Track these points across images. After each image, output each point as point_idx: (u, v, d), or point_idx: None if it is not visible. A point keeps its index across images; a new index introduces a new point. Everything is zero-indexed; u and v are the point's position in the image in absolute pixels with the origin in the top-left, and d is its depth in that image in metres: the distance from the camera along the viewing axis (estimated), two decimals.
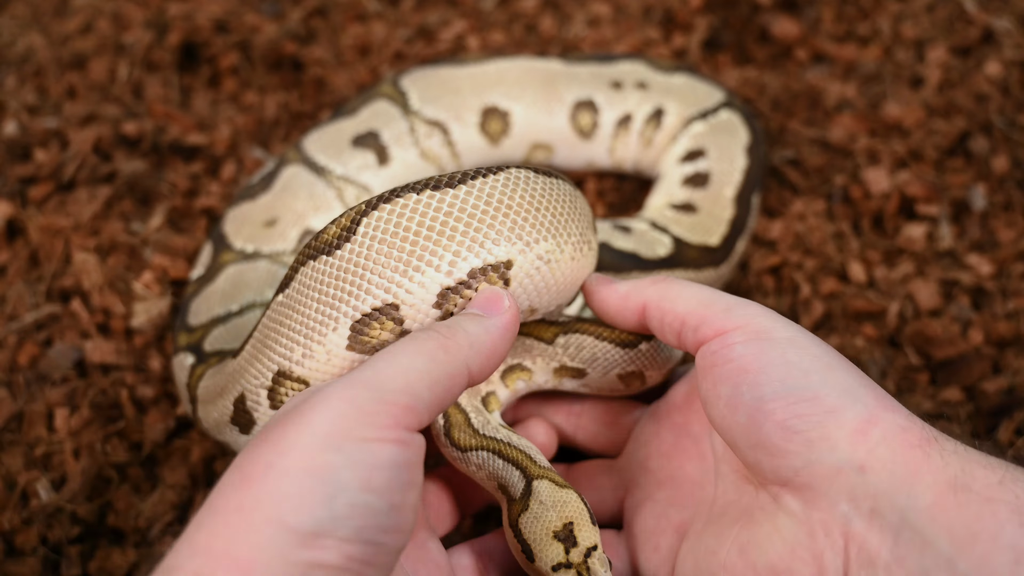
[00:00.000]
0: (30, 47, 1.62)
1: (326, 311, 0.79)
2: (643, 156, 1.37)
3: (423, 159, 1.34)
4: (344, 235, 0.78)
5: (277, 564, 0.53)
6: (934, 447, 0.62)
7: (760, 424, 0.65)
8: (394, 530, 0.57)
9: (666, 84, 1.37)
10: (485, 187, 0.78)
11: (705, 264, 1.18)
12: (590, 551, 0.72)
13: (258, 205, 1.24)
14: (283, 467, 0.56)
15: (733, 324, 0.71)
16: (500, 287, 0.76)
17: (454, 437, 0.81)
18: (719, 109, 1.33)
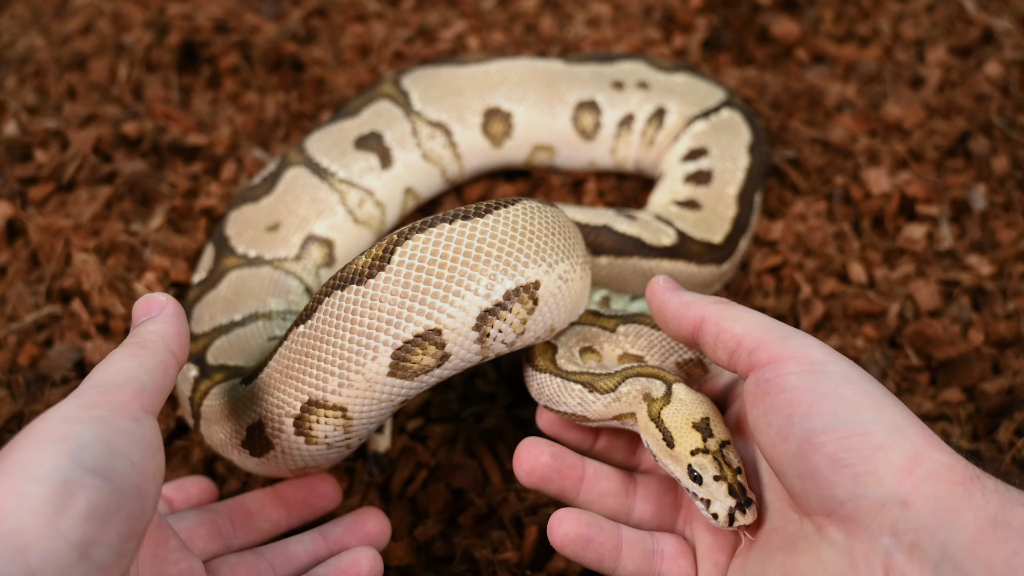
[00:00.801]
0: (30, 47, 1.62)
1: (363, 340, 0.82)
2: (645, 156, 1.37)
3: (425, 161, 1.33)
4: (377, 264, 0.82)
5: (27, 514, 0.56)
6: (976, 485, 0.64)
7: (810, 456, 0.68)
8: (136, 490, 0.62)
9: (667, 83, 1.37)
10: (509, 216, 0.85)
11: (707, 260, 1.18)
12: (725, 443, 0.79)
13: (260, 208, 1.23)
14: (27, 442, 0.61)
15: (789, 353, 0.73)
16: (529, 306, 0.84)
17: (600, 387, 0.88)
18: (721, 108, 1.33)
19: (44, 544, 0.56)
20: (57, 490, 0.57)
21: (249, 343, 1.07)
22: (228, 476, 1.07)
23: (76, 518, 0.57)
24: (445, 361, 0.84)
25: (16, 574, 0.54)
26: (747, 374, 0.76)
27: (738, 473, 0.77)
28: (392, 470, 1.08)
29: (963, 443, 1.06)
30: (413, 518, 1.04)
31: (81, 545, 0.57)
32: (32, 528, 0.56)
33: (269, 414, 0.88)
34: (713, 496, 0.77)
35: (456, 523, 1.03)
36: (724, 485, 0.77)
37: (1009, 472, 1.04)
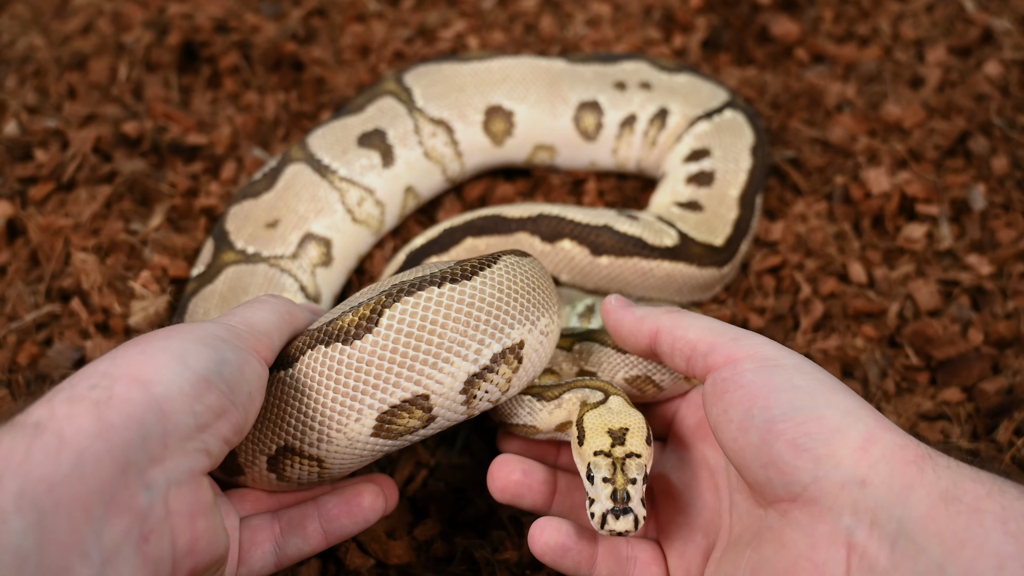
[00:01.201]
0: (30, 47, 1.62)
1: (346, 402, 0.82)
2: (647, 156, 1.37)
3: (427, 159, 1.33)
4: (365, 325, 0.81)
5: (174, 388, 0.68)
6: (928, 463, 0.67)
7: (771, 444, 0.71)
8: (244, 412, 0.74)
9: (670, 84, 1.36)
10: (494, 276, 0.85)
11: (708, 263, 1.18)
12: (632, 455, 0.80)
13: (260, 204, 1.23)
14: (184, 336, 0.73)
15: (743, 353, 0.77)
16: (514, 365, 0.86)
17: (547, 396, 0.91)
18: (724, 109, 1.33)
19: (179, 417, 0.68)
20: (200, 381, 0.70)
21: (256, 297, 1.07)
22: None
23: (205, 406, 0.69)
24: (431, 423, 0.85)
25: (156, 429, 0.66)
26: (704, 376, 0.79)
27: (631, 483, 0.77)
28: (392, 470, 1.08)
29: (963, 443, 1.06)
30: (413, 518, 1.04)
31: (200, 427, 0.69)
32: (176, 400, 0.68)
33: (244, 447, 0.87)
34: (597, 497, 0.78)
35: (456, 523, 1.03)
36: (610, 488, 0.77)
37: (1009, 471, 1.04)
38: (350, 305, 0.86)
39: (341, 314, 0.83)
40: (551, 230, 1.15)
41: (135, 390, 0.66)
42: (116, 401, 0.65)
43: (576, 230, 1.15)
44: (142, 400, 0.66)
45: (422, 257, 1.16)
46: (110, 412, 0.64)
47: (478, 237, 1.16)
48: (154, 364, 0.69)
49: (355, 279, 1.31)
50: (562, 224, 1.16)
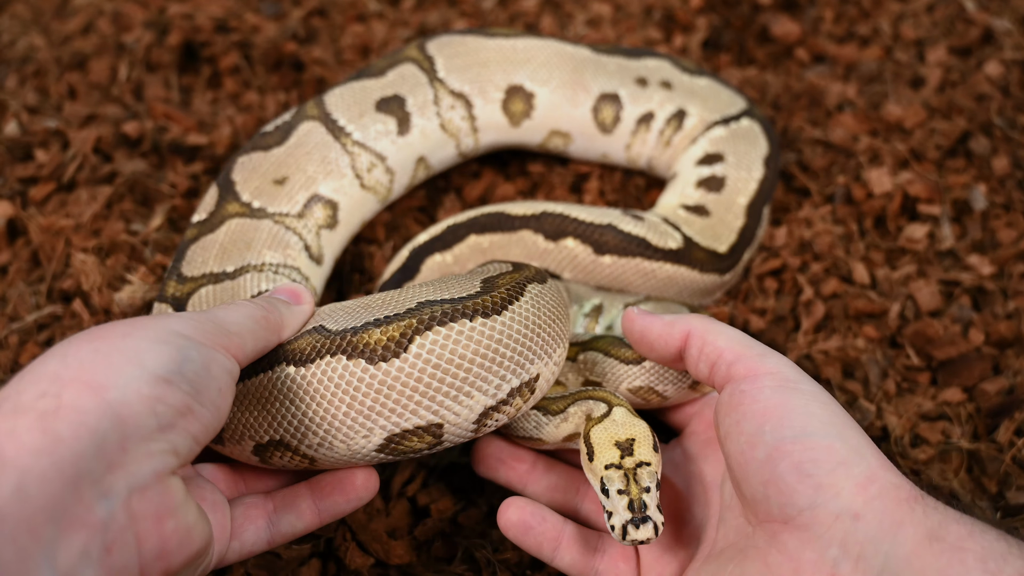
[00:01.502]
0: (31, 47, 1.62)
1: (358, 419, 0.81)
2: (660, 155, 1.36)
3: (443, 131, 1.30)
4: (393, 349, 0.80)
5: (131, 392, 0.65)
6: (919, 503, 0.70)
7: (776, 462, 0.72)
8: (212, 410, 0.72)
9: (690, 86, 1.35)
10: (522, 311, 0.85)
11: (710, 269, 1.18)
12: (643, 464, 0.81)
13: (270, 158, 1.20)
14: (142, 335, 0.70)
15: (766, 369, 0.78)
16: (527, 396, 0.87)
17: (552, 409, 0.91)
18: (741, 117, 1.32)
19: (139, 420, 0.65)
20: (159, 382, 0.67)
21: (236, 297, 1.05)
22: None
23: (168, 406, 0.67)
24: (437, 446, 0.85)
25: (112, 436, 0.63)
26: (723, 386, 0.81)
27: (645, 492, 0.79)
28: (392, 470, 1.08)
29: (963, 443, 1.06)
30: (413, 518, 1.04)
31: (164, 427, 0.67)
32: (134, 403, 0.65)
33: (233, 426, 0.86)
34: (614, 509, 0.79)
35: (456, 523, 1.03)
36: (626, 499, 0.79)
37: (1009, 472, 1.04)
38: (372, 314, 0.84)
39: (365, 325, 0.81)
40: (555, 228, 1.15)
41: (86, 397, 0.63)
42: (65, 411, 0.62)
43: (580, 228, 1.15)
44: (94, 408, 0.63)
45: (425, 254, 1.16)
46: (58, 423, 0.61)
47: (482, 234, 1.15)
48: (108, 366, 0.65)
49: (355, 280, 1.31)
50: (566, 222, 1.15)
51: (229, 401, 0.75)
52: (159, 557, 0.66)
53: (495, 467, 0.96)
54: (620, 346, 0.97)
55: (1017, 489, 1.03)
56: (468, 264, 1.16)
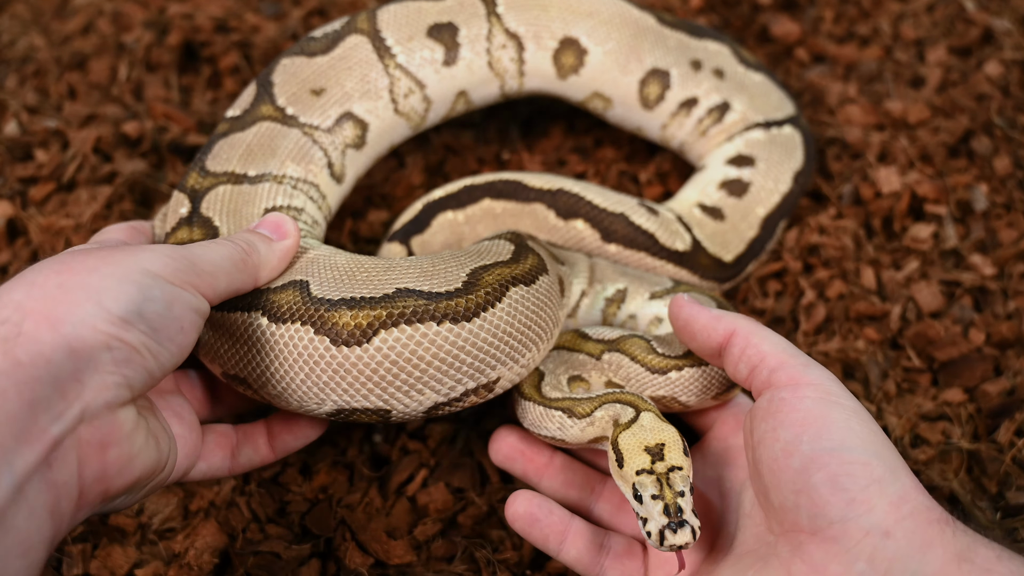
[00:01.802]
0: (31, 47, 1.62)
1: (313, 388, 0.86)
2: (693, 142, 1.32)
3: (489, 68, 1.25)
4: (357, 337, 0.83)
5: (87, 328, 0.68)
6: (948, 526, 0.70)
7: (811, 473, 0.72)
8: (173, 347, 0.75)
9: (743, 79, 1.31)
10: (493, 318, 0.87)
11: (711, 276, 1.18)
12: (674, 468, 0.81)
13: (312, 65, 1.18)
14: (108, 272, 0.72)
15: (808, 379, 0.78)
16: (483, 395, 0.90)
17: (577, 412, 0.91)
18: (785, 123, 1.29)
19: (93, 355, 0.69)
20: (115, 321, 0.70)
21: (247, 207, 1.06)
22: None
23: (123, 343, 0.70)
24: (386, 423, 0.91)
25: (66, 367, 0.67)
26: (762, 391, 0.80)
27: (680, 496, 0.79)
28: (392, 470, 1.08)
29: (963, 443, 1.06)
30: (413, 517, 1.04)
31: (118, 363, 0.70)
32: (88, 339, 0.68)
33: (209, 346, 0.92)
34: (649, 515, 0.78)
35: (456, 523, 1.03)
36: (660, 504, 0.78)
37: (1009, 472, 1.04)
38: (354, 288, 0.86)
39: (341, 302, 0.84)
40: (568, 207, 1.15)
41: (44, 329, 0.67)
42: (24, 339, 0.66)
43: (592, 212, 1.15)
44: (50, 340, 0.67)
45: (438, 210, 1.16)
46: (17, 350, 0.66)
47: (496, 200, 1.15)
48: (68, 303, 0.69)
49: None
50: (580, 203, 1.15)
51: (193, 337, 0.78)
52: (98, 480, 0.71)
53: (513, 458, 0.96)
54: (648, 352, 0.96)
55: (1017, 489, 1.03)
56: (478, 226, 1.16)
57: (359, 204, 1.40)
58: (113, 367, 0.70)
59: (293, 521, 1.04)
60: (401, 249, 1.16)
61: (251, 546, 1.00)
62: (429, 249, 1.17)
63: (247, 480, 1.07)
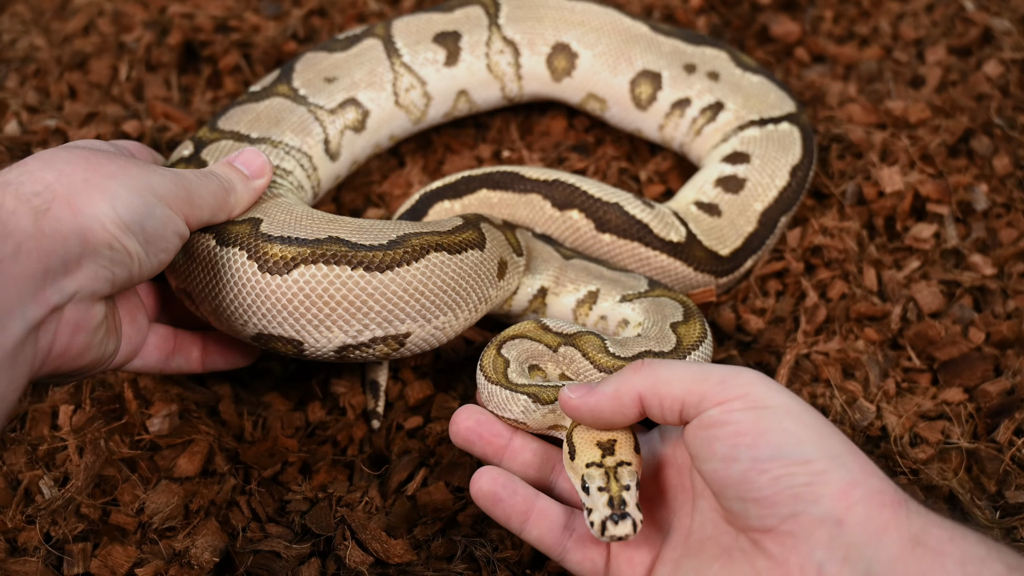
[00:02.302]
0: (31, 47, 1.62)
1: (238, 311, 0.97)
2: (690, 142, 1.36)
3: (488, 71, 1.38)
4: (281, 267, 0.94)
5: (98, 224, 0.81)
6: (902, 508, 0.71)
7: (753, 479, 0.73)
8: (156, 262, 0.88)
9: (739, 81, 1.35)
10: (407, 275, 0.95)
11: (706, 269, 1.18)
12: (623, 463, 0.84)
13: (330, 59, 1.32)
14: (124, 182, 0.84)
15: (732, 395, 0.76)
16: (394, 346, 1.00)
17: (543, 398, 0.94)
18: (782, 120, 1.31)
19: (97, 247, 0.81)
20: (121, 225, 0.82)
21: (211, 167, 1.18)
22: None
23: (121, 245, 0.83)
24: (302, 356, 1.00)
25: (75, 250, 0.79)
26: (691, 418, 0.79)
27: (625, 490, 0.81)
28: (391, 470, 1.08)
29: (963, 443, 1.06)
30: (413, 517, 1.04)
31: (112, 261, 0.83)
32: (98, 232, 0.81)
33: (171, 270, 1.04)
34: (594, 506, 0.81)
35: (456, 522, 1.04)
36: (606, 496, 0.81)
37: (1008, 471, 1.04)
38: (295, 231, 0.97)
39: (279, 239, 0.95)
40: (564, 197, 1.17)
41: (67, 213, 0.79)
42: (50, 215, 0.78)
43: (587, 202, 1.17)
44: (69, 223, 0.79)
45: (435, 199, 1.19)
46: (44, 222, 0.77)
47: (493, 190, 1.19)
48: (89, 198, 0.81)
49: None
50: (575, 194, 1.17)
51: (172, 256, 0.91)
52: (59, 356, 0.81)
53: (471, 440, 0.96)
54: (599, 351, 0.99)
55: (1016, 489, 1.03)
56: None
57: (359, 203, 1.40)
58: (108, 263, 0.82)
59: (293, 520, 1.04)
60: None
61: (251, 545, 1.00)
62: None
63: (247, 479, 1.07)
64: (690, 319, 1.06)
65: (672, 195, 1.37)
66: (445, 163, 1.45)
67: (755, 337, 1.20)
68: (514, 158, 1.45)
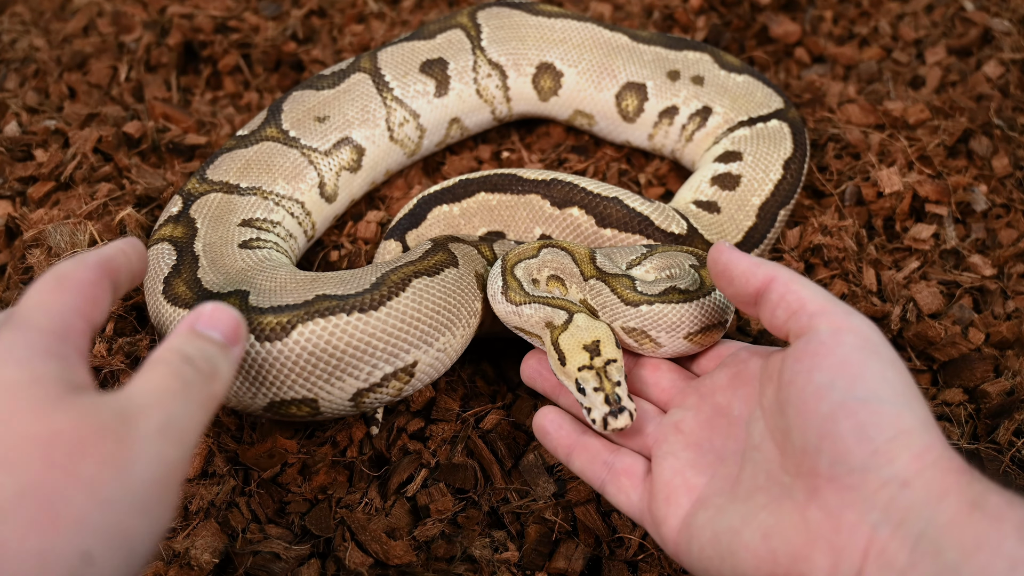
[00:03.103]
0: (31, 47, 1.62)
1: (246, 384, 0.96)
2: (682, 148, 1.38)
3: (478, 96, 1.39)
4: (279, 333, 0.93)
5: None
6: (964, 475, 0.69)
7: (839, 419, 0.71)
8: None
9: (724, 83, 1.35)
10: (399, 306, 0.97)
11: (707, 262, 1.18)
12: (610, 361, 0.92)
13: (319, 97, 1.31)
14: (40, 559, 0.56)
15: (850, 325, 0.76)
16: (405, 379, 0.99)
17: (510, 297, 1.01)
18: (771, 118, 1.32)
19: None
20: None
21: (229, 215, 1.17)
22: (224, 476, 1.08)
23: None
24: (317, 416, 0.99)
25: None
26: (801, 334, 0.78)
27: (617, 386, 0.90)
28: (391, 470, 1.08)
29: (963, 443, 1.06)
30: (413, 518, 1.04)
31: None
32: None
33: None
34: (593, 404, 0.89)
35: (456, 523, 1.04)
36: (602, 395, 0.89)
37: (1008, 472, 1.04)
38: (284, 298, 0.96)
39: (270, 310, 0.94)
40: (562, 196, 1.18)
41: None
42: None
43: (586, 199, 1.17)
44: None
45: (433, 203, 1.20)
46: None
47: (491, 193, 1.19)
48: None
49: None
50: (574, 191, 1.17)
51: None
52: None
53: (534, 378, 1.03)
54: (627, 288, 1.00)
55: (1016, 489, 1.03)
56: (473, 219, 1.20)
57: (359, 206, 1.40)
58: None
59: (293, 521, 1.04)
60: (397, 246, 1.18)
61: (251, 546, 1.00)
62: None
63: (247, 481, 1.07)
64: (705, 264, 1.06)
65: (671, 196, 1.37)
66: (445, 164, 1.45)
67: (755, 337, 1.20)
68: (514, 159, 1.45)
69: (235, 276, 1.04)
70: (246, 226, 1.18)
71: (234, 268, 1.06)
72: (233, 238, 1.14)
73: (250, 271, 1.05)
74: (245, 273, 1.04)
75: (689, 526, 0.82)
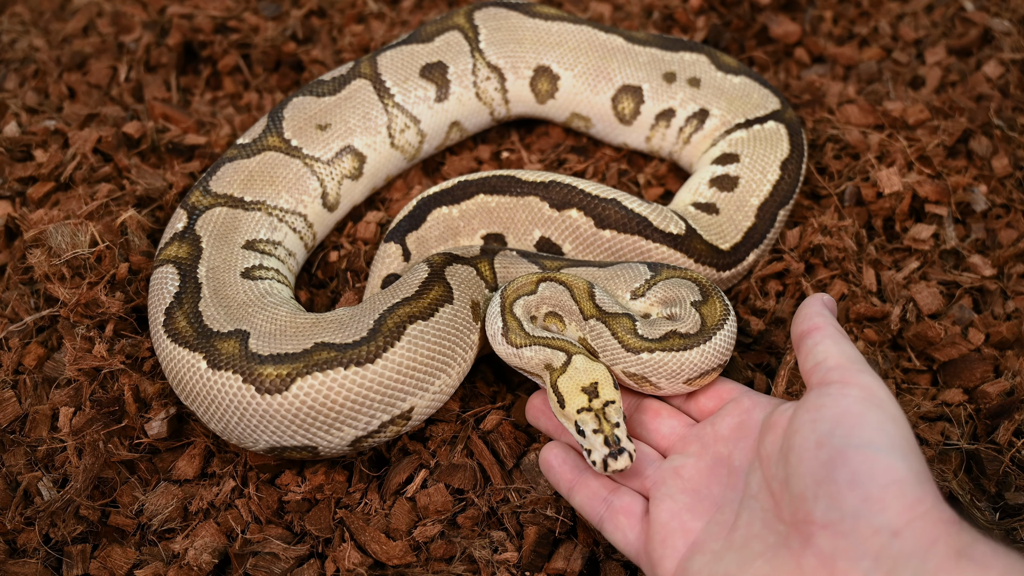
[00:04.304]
0: (31, 47, 1.62)
1: (247, 430, 0.99)
2: (679, 151, 1.38)
3: (478, 99, 1.39)
4: (278, 385, 0.96)
5: None
6: (954, 524, 0.72)
7: (836, 466, 0.75)
8: None
9: (721, 84, 1.35)
10: (395, 356, 0.98)
11: (708, 263, 1.18)
12: (608, 403, 0.93)
13: (320, 104, 1.31)
14: None
15: (857, 381, 0.82)
16: (402, 424, 1.02)
17: (510, 339, 1.01)
18: (768, 119, 1.32)
19: None
20: None
21: (233, 234, 1.18)
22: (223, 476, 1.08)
23: None
24: (317, 459, 1.04)
25: None
26: (816, 387, 0.83)
27: (616, 427, 0.91)
28: (392, 470, 1.08)
29: (963, 444, 1.06)
30: (412, 518, 1.04)
31: None
32: None
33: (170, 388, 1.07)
34: (592, 447, 0.91)
35: (456, 523, 1.03)
36: (601, 436, 0.91)
37: (1008, 472, 1.04)
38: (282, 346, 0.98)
39: (268, 358, 0.96)
40: (561, 198, 1.18)
41: None
42: None
43: (585, 200, 1.17)
44: None
45: (433, 205, 1.20)
46: None
47: (490, 195, 1.19)
48: None
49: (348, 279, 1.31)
50: (572, 193, 1.18)
51: None
52: None
53: (538, 417, 1.04)
54: (628, 332, 1.00)
55: (1016, 490, 1.03)
56: (472, 221, 1.20)
57: (358, 207, 1.40)
58: None
59: (292, 522, 1.04)
60: (397, 249, 1.18)
61: (250, 546, 1.00)
62: (425, 245, 1.19)
63: (246, 481, 1.07)
64: (709, 298, 1.06)
65: (671, 197, 1.37)
66: (445, 164, 1.45)
67: (756, 338, 1.20)
68: (513, 159, 1.45)
69: (236, 312, 1.05)
70: (249, 249, 1.18)
71: (236, 302, 1.07)
72: (236, 263, 1.15)
73: (251, 307, 1.06)
74: (246, 308, 1.06)
75: (685, 570, 0.84)
